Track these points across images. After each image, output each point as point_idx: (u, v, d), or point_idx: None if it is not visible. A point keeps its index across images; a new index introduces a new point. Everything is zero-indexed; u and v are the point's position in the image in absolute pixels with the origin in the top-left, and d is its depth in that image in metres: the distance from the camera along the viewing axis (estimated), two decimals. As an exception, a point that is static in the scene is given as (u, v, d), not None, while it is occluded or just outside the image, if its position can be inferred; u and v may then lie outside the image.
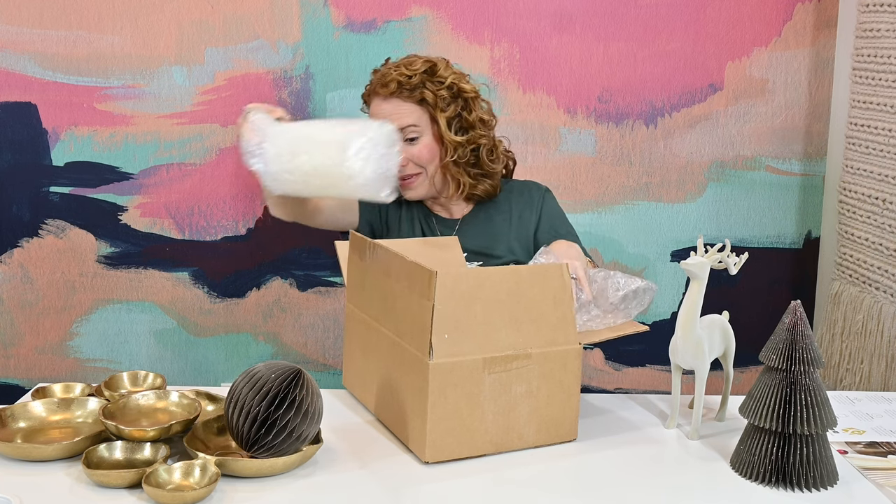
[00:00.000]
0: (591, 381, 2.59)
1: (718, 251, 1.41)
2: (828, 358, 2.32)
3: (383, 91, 1.81)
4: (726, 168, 2.49)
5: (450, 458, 1.33)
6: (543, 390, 1.38)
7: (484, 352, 1.33)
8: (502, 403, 1.36)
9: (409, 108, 1.81)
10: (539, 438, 1.40)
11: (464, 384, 1.32)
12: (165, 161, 2.41)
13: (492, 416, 1.35)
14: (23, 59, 2.35)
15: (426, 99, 1.80)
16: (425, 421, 1.31)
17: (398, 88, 1.80)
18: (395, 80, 1.79)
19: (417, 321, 1.32)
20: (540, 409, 1.38)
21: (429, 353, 1.29)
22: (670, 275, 2.54)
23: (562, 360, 1.39)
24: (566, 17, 2.40)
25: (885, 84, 2.14)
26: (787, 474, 1.28)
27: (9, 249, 2.45)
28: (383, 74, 1.83)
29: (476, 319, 1.32)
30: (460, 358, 1.31)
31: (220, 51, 2.36)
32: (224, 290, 2.48)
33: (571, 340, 1.39)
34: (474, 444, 1.35)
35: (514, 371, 1.35)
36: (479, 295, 1.32)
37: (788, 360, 1.27)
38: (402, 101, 1.81)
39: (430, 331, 1.29)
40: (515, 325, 1.35)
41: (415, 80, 1.80)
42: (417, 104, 1.81)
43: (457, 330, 1.30)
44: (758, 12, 2.42)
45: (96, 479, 1.22)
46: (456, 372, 1.31)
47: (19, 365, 2.51)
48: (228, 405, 1.27)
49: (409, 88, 1.80)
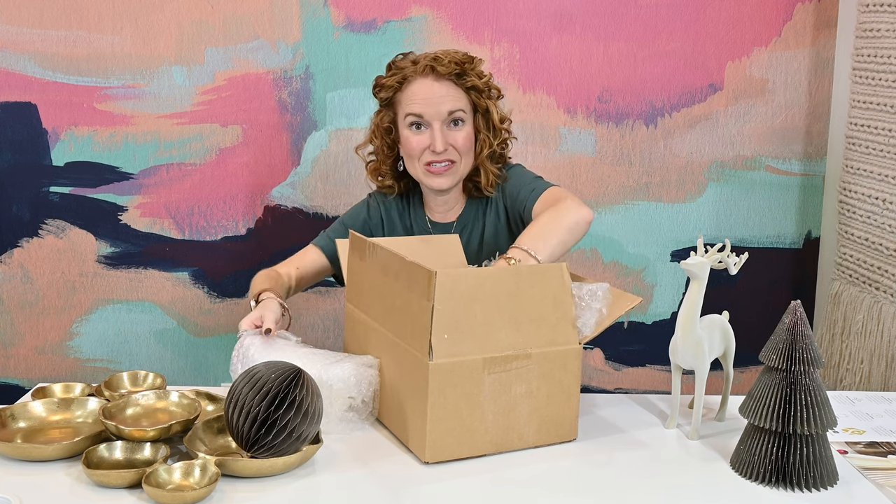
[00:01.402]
0: (591, 381, 2.59)
1: (718, 251, 1.41)
2: (828, 358, 2.32)
3: (441, 69, 1.77)
4: (726, 168, 2.49)
5: (450, 458, 1.33)
6: (543, 390, 1.38)
7: (484, 352, 1.33)
8: (502, 403, 1.35)
9: (459, 94, 1.79)
10: (539, 438, 1.40)
11: (463, 384, 1.32)
12: (165, 161, 2.41)
13: (492, 416, 1.35)
14: (23, 59, 2.35)
15: (476, 87, 1.80)
16: (425, 421, 1.31)
17: (454, 70, 1.78)
18: (452, 61, 1.78)
19: (417, 321, 1.32)
20: (540, 409, 1.38)
21: (429, 353, 1.29)
22: (670, 275, 2.54)
23: (562, 360, 1.38)
24: (566, 17, 2.40)
25: (885, 84, 2.14)
26: (787, 474, 1.28)
27: (9, 249, 2.45)
28: (435, 56, 1.79)
29: (476, 320, 1.32)
30: (460, 358, 1.31)
31: (220, 51, 2.36)
32: (224, 290, 2.48)
33: (571, 340, 1.39)
34: (474, 445, 1.35)
35: (513, 371, 1.35)
36: (478, 295, 1.32)
37: (788, 360, 1.27)
38: (454, 84, 1.79)
39: (429, 331, 1.29)
40: (515, 326, 1.35)
41: (467, 66, 1.80)
42: (465, 91, 1.80)
43: (456, 330, 1.30)
44: (758, 12, 2.42)
45: (96, 479, 1.22)
46: (456, 372, 1.31)
47: (19, 365, 2.51)
48: (228, 405, 1.27)
49: (461, 74, 1.79)
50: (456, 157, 1.80)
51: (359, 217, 1.94)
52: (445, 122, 1.78)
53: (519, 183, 1.85)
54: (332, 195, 2.44)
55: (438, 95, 1.77)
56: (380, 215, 1.93)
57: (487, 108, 1.81)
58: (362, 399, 1.44)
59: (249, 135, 2.41)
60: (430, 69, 1.78)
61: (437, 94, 1.78)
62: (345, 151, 2.42)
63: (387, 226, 1.93)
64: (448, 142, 1.78)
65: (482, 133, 1.83)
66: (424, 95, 1.78)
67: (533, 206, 1.75)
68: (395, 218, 1.93)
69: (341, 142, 2.42)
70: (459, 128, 1.80)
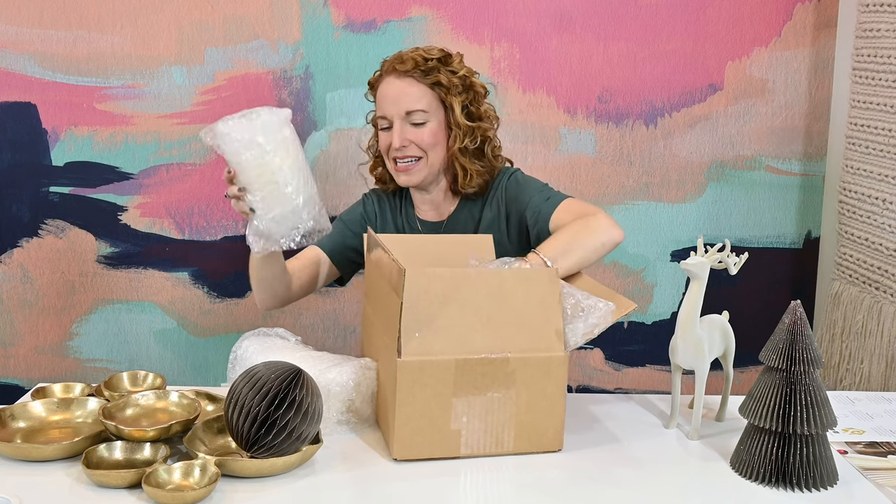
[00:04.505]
0: (591, 381, 2.59)
1: (718, 251, 1.41)
2: (828, 358, 2.32)
3: (400, 67, 1.81)
4: (726, 168, 2.49)
5: (419, 457, 1.33)
6: (523, 396, 1.35)
7: (457, 353, 1.31)
8: (477, 407, 1.33)
9: (421, 91, 1.81)
10: (519, 446, 1.36)
11: (434, 384, 1.30)
12: (165, 161, 2.41)
13: (466, 418, 1.33)
14: (23, 59, 2.35)
15: (440, 82, 1.81)
16: (395, 418, 1.31)
17: (414, 67, 1.80)
18: (412, 59, 1.81)
19: (394, 319, 1.32)
20: (519, 415, 1.35)
21: (398, 350, 1.29)
22: (670, 275, 2.54)
23: (545, 366, 1.35)
24: (566, 17, 2.40)
25: (885, 84, 2.14)
26: (787, 474, 1.28)
27: (9, 249, 2.45)
28: (399, 55, 1.83)
29: (450, 320, 1.30)
30: (431, 357, 1.30)
31: (220, 51, 2.36)
32: (224, 290, 2.48)
33: (556, 347, 1.35)
34: (447, 446, 1.33)
35: (489, 375, 1.33)
36: (454, 296, 1.30)
37: (788, 360, 1.27)
38: (415, 80, 1.81)
39: (398, 328, 1.28)
40: (493, 329, 1.32)
41: (431, 63, 1.81)
42: (429, 87, 1.81)
43: (429, 329, 1.29)
44: (758, 12, 2.42)
45: (96, 479, 1.22)
46: (426, 371, 1.30)
47: (19, 365, 2.51)
48: (228, 405, 1.27)
49: (423, 70, 1.80)
50: (419, 153, 1.82)
51: (356, 213, 1.95)
52: (405, 119, 1.80)
53: (525, 188, 1.85)
54: (332, 195, 2.44)
55: (397, 94, 1.80)
56: (375, 212, 1.95)
57: (452, 105, 1.82)
58: (361, 401, 1.44)
59: (249, 135, 2.41)
60: (392, 68, 1.82)
61: (396, 91, 1.81)
62: (345, 151, 2.42)
63: (380, 223, 1.94)
64: (408, 138, 1.80)
65: (453, 130, 1.84)
66: (387, 94, 1.82)
67: (552, 215, 1.74)
68: (388, 216, 1.95)
69: (341, 142, 2.42)
70: (423, 124, 1.81)
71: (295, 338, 1.60)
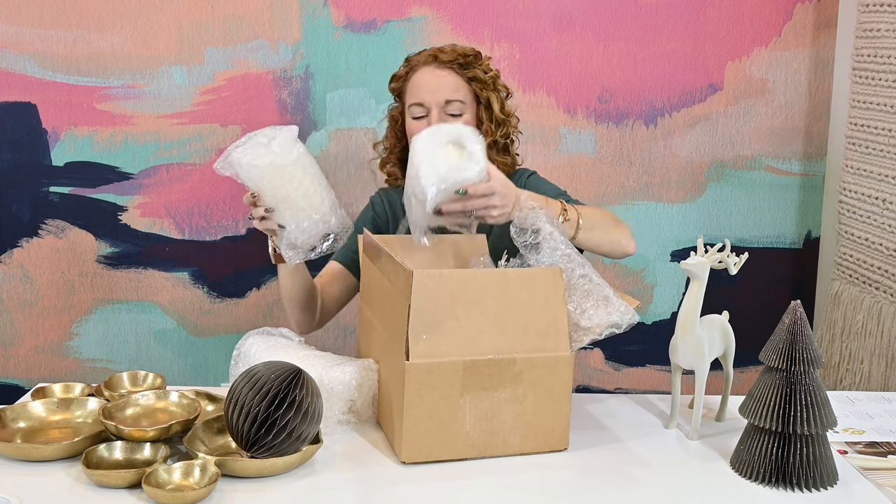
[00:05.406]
0: (591, 381, 2.59)
1: (718, 251, 1.41)
2: (828, 358, 2.32)
3: (442, 57, 1.82)
4: (726, 168, 2.49)
5: (427, 459, 1.33)
6: (530, 397, 1.35)
7: (464, 354, 1.31)
8: (484, 408, 1.33)
9: (459, 82, 1.82)
10: (525, 446, 1.37)
11: (442, 386, 1.30)
12: (165, 161, 2.41)
13: (473, 419, 1.33)
14: (23, 59, 2.35)
15: (477, 77, 1.83)
16: (402, 421, 1.31)
17: (454, 59, 1.82)
18: (456, 51, 1.83)
19: (399, 321, 1.32)
20: (526, 415, 1.36)
21: (406, 353, 1.29)
22: (670, 275, 2.54)
23: (550, 366, 1.35)
24: (566, 17, 2.40)
25: (885, 84, 2.14)
26: (787, 474, 1.28)
27: (9, 249, 2.45)
28: (439, 48, 1.85)
29: (457, 322, 1.30)
30: (438, 359, 1.30)
31: (220, 51, 2.36)
32: (224, 290, 2.48)
33: (562, 347, 1.36)
34: (454, 448, 1.33)
35: (496, 376, 1.33)
36: (460, 297, 1.30)
37: (788, 360, 1.27)
38: (454, 72, 1.82)
39: (406, 331, 1.28)
40: (500, 329, 1.33)
41: (469, 58, 1.83)
42: (467, 81, 1.83)
43: (436, 331, 1.29)
44: (758, 12, 2.42)
45: (96, 479, 1.22)
46: (434, 373, 1.30)
47: (19, 365, 2.51)
48: (228, 405, 1.27)
49: (462, 64, 1.82)
50: None
51: (367, 218, 1.96)
52: (444, 109, 1.80)
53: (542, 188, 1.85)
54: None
55: (438, 83, 1.81)
56: (385, 211, 1.95)
57: (489, 99, 1.83)
58: (362, 402, 1.44)
59: (249, 135, 2.41)
60: (433, 58, 1.83)
61: (436, 81, 1.81)
62: (345, 151, 2.42)
63: (391, 222, 1.94)
64: None
65: (485, 124, 1.85)
66: (425, 83, 1.82)
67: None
68: (398, 213, 1.94)
69: (341, 142, 2.42)
70: (459, 115, 1.82)
71: (298, 338, 1.61)
